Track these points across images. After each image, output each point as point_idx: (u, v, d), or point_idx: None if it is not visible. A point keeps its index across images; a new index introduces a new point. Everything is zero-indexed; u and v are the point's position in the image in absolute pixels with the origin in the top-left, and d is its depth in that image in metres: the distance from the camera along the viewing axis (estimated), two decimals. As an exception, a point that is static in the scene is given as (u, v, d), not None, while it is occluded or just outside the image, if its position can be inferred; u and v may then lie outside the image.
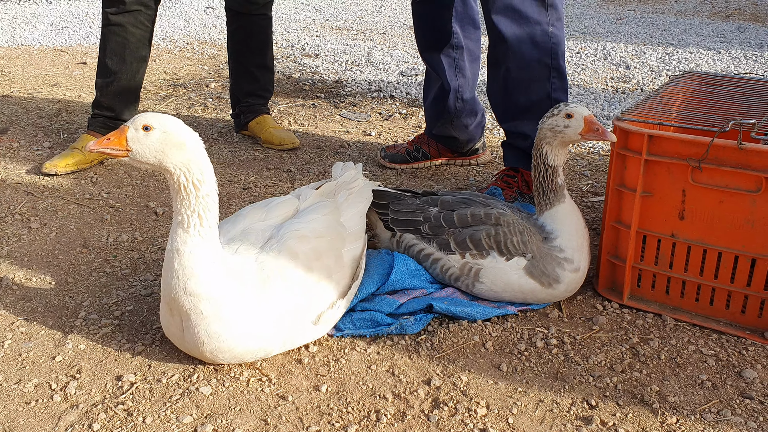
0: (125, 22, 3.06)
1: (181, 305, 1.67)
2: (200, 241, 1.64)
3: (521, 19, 2.52)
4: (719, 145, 1.83)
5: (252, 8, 3.30)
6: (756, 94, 2.31)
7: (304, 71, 4.89)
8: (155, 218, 2.67)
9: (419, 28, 3.01)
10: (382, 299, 2.04)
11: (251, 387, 1.74)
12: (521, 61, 2.56)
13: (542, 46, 2.54)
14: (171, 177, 1.63)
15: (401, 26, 6.55)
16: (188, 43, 5.72)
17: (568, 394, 1.72)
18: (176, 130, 1.60)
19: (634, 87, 4.47)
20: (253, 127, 3.48)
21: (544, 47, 2.55)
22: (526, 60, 2.56)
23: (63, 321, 2.01)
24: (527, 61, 2.56)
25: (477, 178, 3.08)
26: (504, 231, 2.04)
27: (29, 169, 3.10)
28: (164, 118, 1.61)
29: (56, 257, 2.37)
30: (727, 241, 1.91)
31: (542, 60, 2.56)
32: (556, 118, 2.01)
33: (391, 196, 2.26)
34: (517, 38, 2.53)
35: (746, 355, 1.86)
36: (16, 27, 6.13)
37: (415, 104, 4.12)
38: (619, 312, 2.08)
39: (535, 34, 2.53)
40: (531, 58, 2.56)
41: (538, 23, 2.52)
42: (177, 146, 1.60)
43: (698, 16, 6.99)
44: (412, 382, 1.76)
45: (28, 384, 1.74)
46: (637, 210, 2.01)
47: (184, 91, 4.36)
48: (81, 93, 4.27)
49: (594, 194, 2.89)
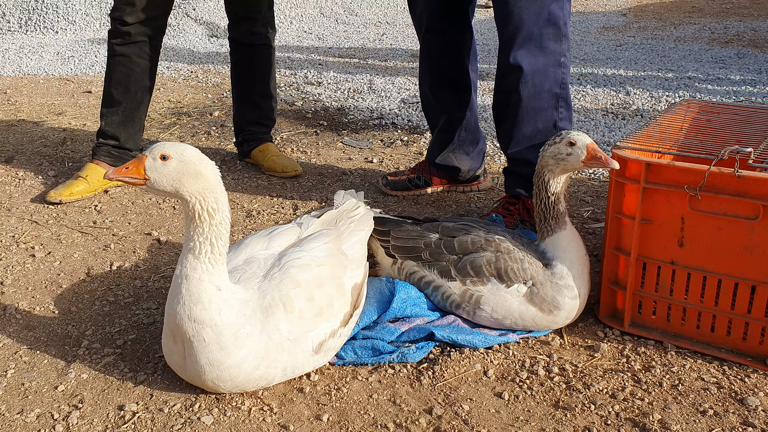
0: (130, 53, 3.11)
1: (184, 332, 1.68)
2: (209, 268, 1.67)
3: (539, 51, 2.52)
4: (716, 173, 1.85)
5: (255, 39, 3.35)
6: (754, 122, 2.34)
7: (307, 99, 4.94)
8: (158, 246, 2.69)
9: (431, 65, 2.99)
10: (383, 327, 2.05)
11: (252, 416, 1.74)
12: (533, 90, 2.56)
13: (553, 76, 2.56)
14: (186, 205, 1.66)
15: (403, 54, 6.62)
16: (192, 71, 5.79)
17: (570, 423, 1.72)
18: (192, 160, 1.64)
19: (633, 113, 4.51)
20: (256, 155, 3.52)
21: (555, 77, 2.56)
22: (538, 89, 2.56)
23: (66, 350, 2.01)
24: (539, 90, 2.57)
25: (478, 204, 3.09)
26: (504, 258, 2.05)
27: (34, 197, 3.13)
28: (181, 148, 1.64)
29: (60, 286, 2.38)
30: (726, 267, 1.92)
31: (552, 90, 2.58)
32: (558, 146, 2.03)
33: (392, 223, 2.28)
34: (533, 69, 2.53)
35: (748, 383, 1.86)
36: (23, 57, 6.21)
37: (416, 131, 4.15)
38: (620, 339, 2.08)
39: (549, 65, 2.54)
40: (542, 89, 2.57)
41: (553, 54, 2.54)
42: (193, 175, 1.63)
43: (697, 42, 7.06)
44: (414, 411, 1.76)
45: (31, 414, 1.74)
46: (637, 237, 2.02)
47: (188, 119, 4.41)
48: (86, 122, 4.32)
49: (595, 221, 2.90)
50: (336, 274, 1.93)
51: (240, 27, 3.35)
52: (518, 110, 2.61)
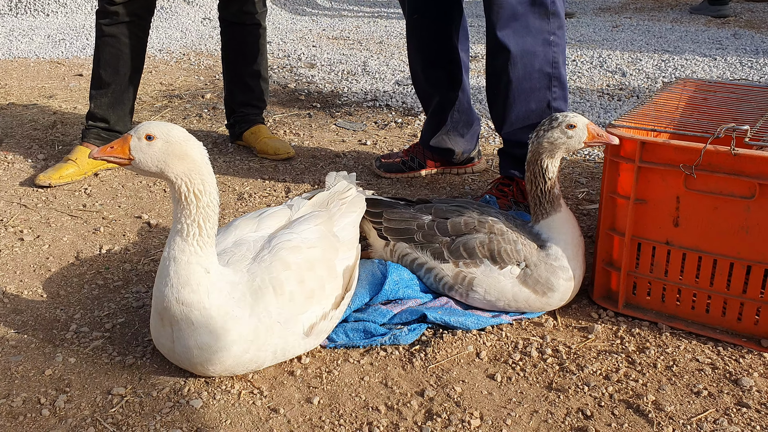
0: (119, 33, 3.05)
1: (172, 315, 1.65)
2: (198, 250, 1.64)
3: (525, 30, 2.48)
4: (712, 151, 1.82)
5: (246, 18, 3.30)
6: (750, 100, 2.31)
7: (300, 81, 4.89)
8: (148, 230, 2.66)
9: (419, 45, 2.95)
10: (375, 309, 2.03)
11: (242, 400, 1.72)
12: (523, 71, 2.52)
13: (544, 55, 2.51)
14: (172, 186, 1.63)
15: (397, 35, 6.55)
16: (184, 54, 5.72)
17: (563, 404, 1.71)
18: (179, 140, 1.60)
19: (630, 94, 4.47)
20: (248, 137, 3.47)
21: (546, 57, 2.52)
22: (528, 70, 2.52)
23: (54, 334, 1.99)
24: (529, 71, 2.52)
25: (472, 186, 3.06)
26: (498, 239, 2.02)
27: (23, 180, 3.09)
28: (168, 128, 1.60)
29: (48, 269, 2.35)
30: (722, 247, 1.90)
31: (543, 69, 2.53)
32: (555, 130, 1.99)
33: (384, 205, 2.25)
34: (521, 49, 2.49)
35: (743, 363, 1.85)
36: (13, 39, 6.13)
37: (410, 113, 4.11)
38: (614, 320, 2.06)
39: (537, 44, 2.50)
40: (532, 69, 2.52)
41: (540, 33, 2.49)
42: (179, 156, 1.59)
43: (694, 23, 7.00)
44: (406, 394, 1.74)
45: (17, 398, 1.72)
46: (632, 217, 1.99)
47: (180, 101, 4.36)
48: (77, 105, 4.26)
49: (589, 202, 2.88)
50: (327, 257, 1.91)
51: (230, 6, 3.30)
52: (509, 91, 2.57)
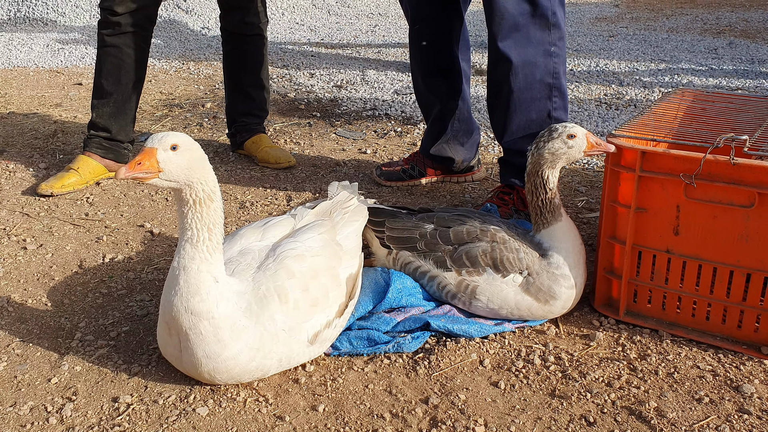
0: (120, 43, 3.07)
1: (180, 324, 1.66)
2: (207, 257, 1.66)
3: (526, 41, 2.51)
4: (712, 160, 1.85)
5: (247, 29, 3.33)
6: (748, 110, 2.34)
7: (300, 90, 4.91)
8: (151, 238, 2.67)
9: (420, 55, 2.97)
10: (379, 317, 2.04)
11: (248, 407, 1.73)
12: (524, 81, 2.55)
13: (544, 66, 2.54)
14: (190, 191, 1.64)
15: (395, 45, 6.59)
16: (184, 63, 5.75)
17: (566, 411, 1.72)
18: (195, 146, 1.65)
19: (627, 104, 4.50)
20: (249, 147, 3.49)
21: (546, 67, 2.54)
22: (529, 80, 2.55)
23: (59, 342, 2.00)
24: (530, 81, 2.55)
25: (472, 194, 3.09)
26: (500, 248, 2.04)
27: (25, 190, 3.10)
28: (183, 136, 1.64)
29: (52, 278, 2.36)
30: (721, 256, 1.92)
31: (544, 80, 2.56)
32: (556, 141, 2.01)
33: (386, 214, 2.27)
34: (522, 60, 2.52)
35: (743, 370, 1.86)
36: (12, 49, 6.15)
37: (410, 122, 4.14)
38: (615, 328, 2.08)
39: (538, 55, 2.52)
40: (533, 79, 2.55)
41: (541, 43, 2.52)
42: (199, 161, 1.63)
43: (690, 32, 7.05)
44: (410, 401, 1.76)
45: (24, 407, 1.73)
46: (632, 226, 2.01)
47: (180, 111, 4.38)
48: (77, 114, 4.28)
49: (589, 210, 2.90)
50: (331, 265, 1.92)
51: (232, 17, 3.32)
52: (510, 101, 2.60)
